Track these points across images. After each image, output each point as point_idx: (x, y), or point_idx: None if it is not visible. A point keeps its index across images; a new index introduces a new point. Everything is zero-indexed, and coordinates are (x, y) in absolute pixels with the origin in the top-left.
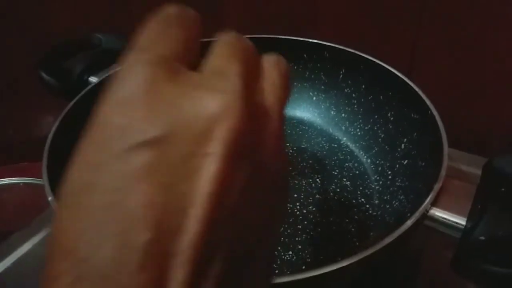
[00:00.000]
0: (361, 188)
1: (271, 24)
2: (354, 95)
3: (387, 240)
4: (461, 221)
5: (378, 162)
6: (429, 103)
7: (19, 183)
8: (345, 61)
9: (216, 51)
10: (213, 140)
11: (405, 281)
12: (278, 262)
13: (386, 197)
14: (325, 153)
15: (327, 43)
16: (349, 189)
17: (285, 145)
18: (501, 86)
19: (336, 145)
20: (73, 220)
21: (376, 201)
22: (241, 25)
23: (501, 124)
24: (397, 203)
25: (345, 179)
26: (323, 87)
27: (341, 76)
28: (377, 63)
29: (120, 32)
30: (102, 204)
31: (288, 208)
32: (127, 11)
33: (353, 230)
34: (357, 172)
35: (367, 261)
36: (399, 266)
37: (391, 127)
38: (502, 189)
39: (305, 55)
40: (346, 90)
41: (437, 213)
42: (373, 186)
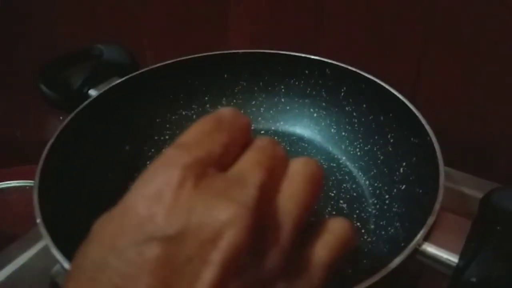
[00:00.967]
0: (357, 212)
1: (275, 39)
2: (355, 114)
3: (375, 277)
4: (453, 258)
5: (376, 184)
6: (428, 128)
7: (25, 186)
8: (346, 79)
9: (247, 154)
10: (215, 249)
11: None
12: None
13: (382, 223)
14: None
15: (329, 61)
16: (345, 212)
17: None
18: (508, 108)
19: (335, 164)
20: None
21: (372, 226)
22: (245, 39)
23: (508, 146)
24: (392, 230)
25: (341, 201)
26: (324, 104)
27: (343, 94)
28: (378, 83)
29: (122, 43)
30: (111, 285)
31: None
32: (130, 22)
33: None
34: (355, 194)
35: None
36: None
37: (390, 149)
38: (498, 227)
39: (306, 71)
40: (347, 108)
41: (429, 249)
42: (369, 210)
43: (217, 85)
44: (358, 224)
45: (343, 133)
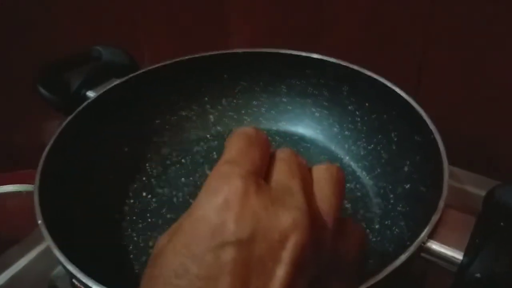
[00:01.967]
0: (362, 212)
1: (275, 38)
2: (358, 113)
3: (381, 274)
4: (457, 255)
5: (380, 184)
6: (432, 126)
7: (22, 190)
8: (348, 78)
9: (277, 168)
10: (285, 250)
11: None
12: None
13: (387, 222)
14: None
15: (330, 59)
16: (349, 212)
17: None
18: (511, 105)
19: (338, 164)
20: None
21: (377, 226)
22: (245, 40)
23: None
24: (397, 230)
25: (346, 201)
26: (326, 103)
27: (345, 93)
28: (381, 81)
29: (120, 45)
30: None
31: None
32: (127, 23)
33: None
34: (359, 194)
35: None
36: None
37: (394, 148)
38: (502, 223)
39: (308, 71)
40: (350, 108)
41: (433, 246)
42: (374, 210)
43: (217, 85)
44: (363, 224)
45: (346, 132)
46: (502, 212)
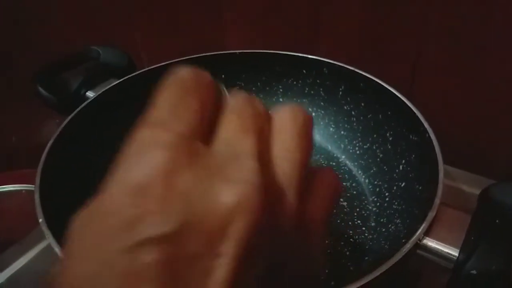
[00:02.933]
0: (358, 210)
1: (272, 39)
2: (354, 113)
3: (378, 271)
4: (453, 252)
5: (376, 182)
6: (427, 125)
7: (21, 190)
8: (344, 78)
9: (226, 119)
10: (227, 240)
11: None
12: None
13: (382, 220)
14: None
15: (326, 60)
16: (346, 210)
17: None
18: (505, 105)
19: (334, 163)
20: None
21: (373, 224)
22: (241, 41)
23: (505, 143)
24: (393, 227)
25: (342, 200)
26: (322, 103)
27: (341, 93)
28: (376, 81)
29: (119, 45)
30: None
31: None
32: (126, 24)
33: (347, 253)
34: (355, 193)
35: None
36: None
37: (389, 147)
38: (497, 220)
39: (304, 71)
40: (346, 107)
41: (429, 243)
42: (370, 208)
43: None
44: (359, 221)
45: (342, 132)
46: (497, 210)
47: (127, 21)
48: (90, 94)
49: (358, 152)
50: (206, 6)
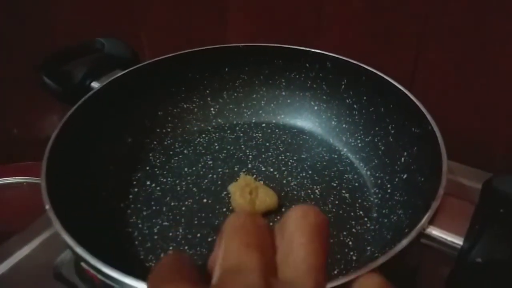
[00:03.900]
0: (360, 201)
1: (275, 32)
2: (356, 106)
3: (382, 259)
4: (458, 241)
5: (377, 175)
6: (429, 117)
7: (22, 182)
8: (347, 71)
9: (224, 241)
10: None
11: None
12: None
13: (384, 211)
14: (325, 163)
15: (329, 54)
16: (348, 201)
17: None
18: (504, 99)
19: (336, 156)
20: None
21: (375, 215)
22: (244, 34)
23: (505, 138)
24: (395, 218)
25: (344, 191)
26: (324, 97)
27: (343, 87)
28: (379, 75)
29: (122, 37)
30: None
31: None
32: (130, 16)
33: (350, 244)
34: (357, 184)
35: None
36: (394, 283)
37: (391, 140)
38: (501, 210)
39: (307, 65)
40: (348, 101)
41: (434, 232)
42: (372, 199)
43: (218, 78)
44: (361, 212)
45: (344, 125)
46: (501, 199)
47: (131, 15)
48: (95, 84)
49: (360, 145)
50: (210, 0)
